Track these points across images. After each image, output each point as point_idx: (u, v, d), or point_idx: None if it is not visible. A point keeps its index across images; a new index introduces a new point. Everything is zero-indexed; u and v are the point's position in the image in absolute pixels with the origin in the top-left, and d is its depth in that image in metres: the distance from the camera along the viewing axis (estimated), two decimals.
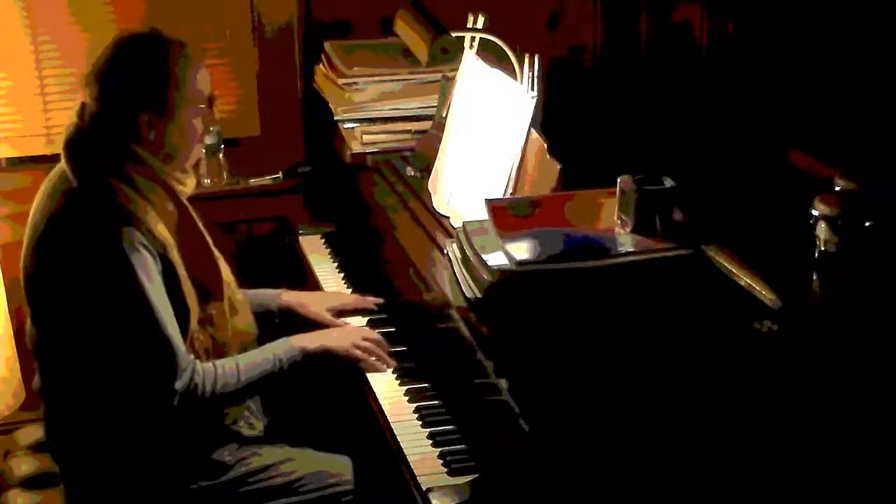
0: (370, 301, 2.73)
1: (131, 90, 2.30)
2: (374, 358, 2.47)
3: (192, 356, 2.30)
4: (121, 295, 2.22)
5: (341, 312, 2.70)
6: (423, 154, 2.92)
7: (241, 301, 2.51)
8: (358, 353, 2.46)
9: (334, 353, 2.46)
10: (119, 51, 2.32)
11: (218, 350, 2.41)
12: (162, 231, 2.29)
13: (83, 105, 2.34)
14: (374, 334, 2.54)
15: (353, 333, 2.53)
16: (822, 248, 2.04)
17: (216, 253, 2.46)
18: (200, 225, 2.43)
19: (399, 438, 2.23)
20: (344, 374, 2.52)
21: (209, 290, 2.40)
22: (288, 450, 2.47)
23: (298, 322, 2.65)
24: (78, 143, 2.33)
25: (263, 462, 2.42)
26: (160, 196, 2.33)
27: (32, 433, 2.80)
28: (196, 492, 2.37)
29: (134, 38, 2.35)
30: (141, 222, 2.25)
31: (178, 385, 2.25)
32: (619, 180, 2.25)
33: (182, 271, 2.31)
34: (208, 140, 3.31)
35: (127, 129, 2.30)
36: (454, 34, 2.67)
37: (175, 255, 2.30)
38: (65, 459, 2.45)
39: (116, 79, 2.30)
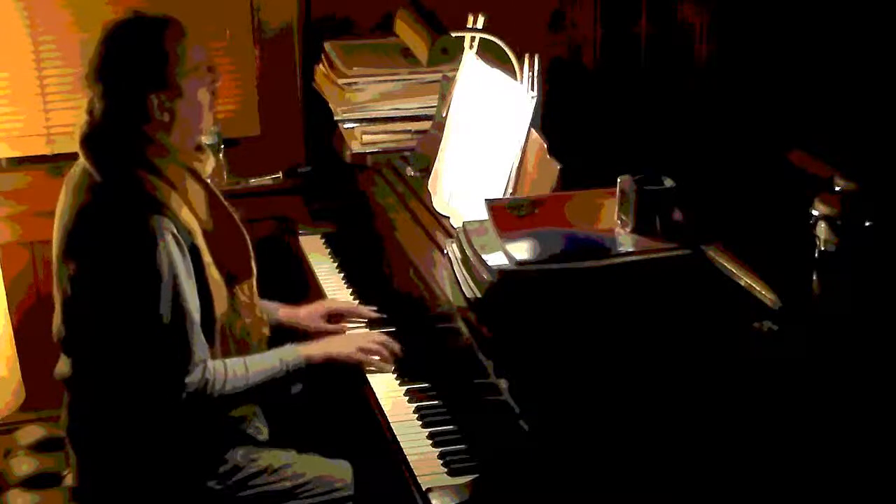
0: (366, 311, 2.71)
1: (135, 76, 2.29)
2: (377, 358, 2.47)
3: (206, 353, 2.31)
4: (149, 284, 2.23)
5: (337, 316, 2.70)
6: (423, 154, 2.92)
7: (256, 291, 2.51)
8: (361, 356, 2.47)
9: (338, 361, 2.47)
10: (111, 41, 2.32)
11: (242, 336, 2.42)
12: (187, 217, 2.30)
13: (90, 103, 2.35)
14: (378, 335, 2.55)
15: (357, 339, 2.54)
16: (822, 248, 2.04)
17: (242, 228, 2.47)
18: (225, 202, 2.44)
19: (399, 438, 2.23)
20: (344, 374, 2.52)
21: (236, 271, 2.41)
22: (292, 454, 2.47)
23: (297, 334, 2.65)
24: (94, 138, 2.34)
25: (269, 465, 2.43)
26: (184, 178, 2.33)
27: (32, 433, 2.79)
28: (204, 492, 2.37)
29: (121, 25, 2.34)
30: (168, 209, 2.26)
31: (189, 380, 2.26)
32: (619, 180, 2.25)
33: (207, 258, 2.32)
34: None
35: (139, 114, 2.31)
36: (454, 34, 2.67)
37: (200, 241, 2.31)
38: (83, 450, 2.45)
39: (117, 68, 2.30)
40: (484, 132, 2.63)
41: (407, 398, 2.37)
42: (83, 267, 2.30)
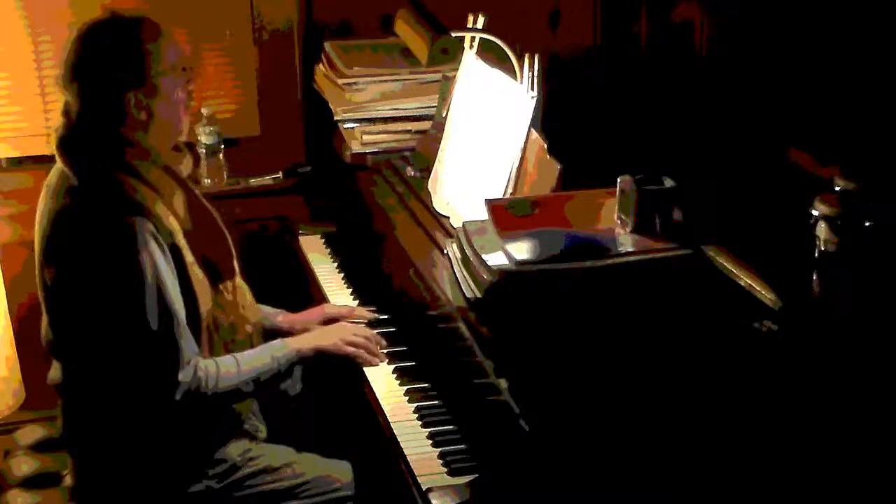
0: (364, 312, 2.70)
1: (111, 75, 2.29)
2: (365, 352, 2.47)
3: (196, 350, 2.31)
4: (132, 286, 2.22)
5: (335, 320, 2.69)
6: (423, 154, 2.92)
7: (241, 284, 2.51)
8: (349, 349, 2.47)
9: (326, 353, 2.47)
10: (87, 41, 2.31)
11: (227, 334, 2.42)
12: (168, 218, 2.29)
13: (66, 105, 2.34)
14: (366, 330, 2.55)
15: (344, 330, 2.53)
16: (822, 248, 2.04)
17: (223, 227, 2.47)
18: (205, 202, 2.44)
19: (399, 438, 2.23)
20: (343, 374, 2.52)
21: (219, 271, 2.41)
22: (291, 453, 2.47)
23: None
24: (71, 141, 2.33)
25: (268, 464, 2.43)
26: (164, 180, 2.33)
27: (32, 433, 2.80)
28: (202, 492, 2.37)
29: (97, 25, 2.33)
30: (148, 212, 2.26)
31: (181, 376, 2.26)
32: (619, 180, 2.25)
33: (189, 257, 2.32)
34: (208, 140, 3.32)
35: (116, 115, 2.30)
36: (454, 34, 2.67)
37: (181, 241, 2.31)
38: (79, 454, 2.45)
39: (93, 68, 2.29)
40: (484, 132, 2.63)
41: (407, 398, 2.37)
42: (65, 272, 2.29)
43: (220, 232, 2.46)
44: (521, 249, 2.16)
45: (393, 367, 2.48)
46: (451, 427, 2.25)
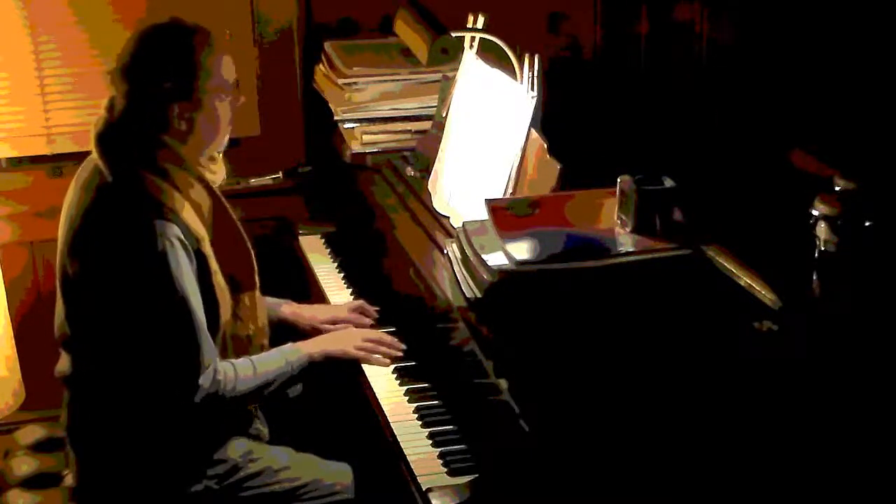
0: (367, 320, 2.68)
1: (160, 83, 2.30)
2: (376, 355, 2.48)
3: (216, 356, 2.31)
4: (155, 288, 2.23)
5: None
6: (423, 154, 2.92)
7: (260, 297, 2.52)
8: (359, 353, 2.47)
9: (335, 358, 2.47)
10: (144, 44, 2.32)
11: (242, 345, 2.42)
12: (196, 225, 2.30)
13: (112, 100, 2.35)
14: (374, 333, 2.55)
15: (353, 336, 2.54)
16: (822, 248, 2.04)
17: (248, 241, 2.47)
18: (232, 213, 2.44)
19: (399, 438, 2.23)
20: (344, 374, 2.52)
21: (240, 281, 2.41)
22: (292, 454, 2.48)
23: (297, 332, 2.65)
24: (110, 137, 2.34)
25: (268, 466, 2.43)
26: (193, 186, 2.34)
27: (32, 433, 2.80)
28: (202, 493, 2.37)
29: (157, 29, 2.35)
30: (176, 216, 2.26)
31: (203, 380, 2.26)
32: (619, 180, 2.26)
33: (214, 265, 2.33)
34: None
35: (157, 121, 2.31)
36: (454, 34, 2.67)
37: (208, 249, 2.32)
38: (83, 449, 2.45)
39: (144, 73, 2.31)
40: (484, 132, 2.63)
41: (407, 398, 2.37)
42: (90, 269, 2.31)
43: (243, 244, 2.46)
44: (521, 249, 2.16)
45: (393, 367, 2.48)
46: (451, 427, 2.25)
